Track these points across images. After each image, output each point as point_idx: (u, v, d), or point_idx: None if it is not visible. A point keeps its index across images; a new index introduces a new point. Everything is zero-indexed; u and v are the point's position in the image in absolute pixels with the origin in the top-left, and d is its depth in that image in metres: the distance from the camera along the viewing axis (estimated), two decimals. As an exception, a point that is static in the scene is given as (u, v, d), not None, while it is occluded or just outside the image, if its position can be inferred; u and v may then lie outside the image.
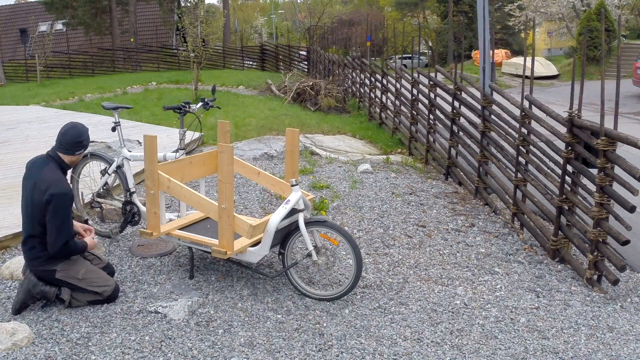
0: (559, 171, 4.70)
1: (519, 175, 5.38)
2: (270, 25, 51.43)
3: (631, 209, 3.94)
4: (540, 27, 34.17)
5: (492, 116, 6.03)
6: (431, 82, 7.60)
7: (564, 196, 4.65)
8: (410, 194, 6.35)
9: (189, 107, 4.47)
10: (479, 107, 6.19)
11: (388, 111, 10.51)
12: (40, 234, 3.56)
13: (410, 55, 11.76)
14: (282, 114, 11.34)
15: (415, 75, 8.52)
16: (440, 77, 7.67)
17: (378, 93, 11.05)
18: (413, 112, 8.58)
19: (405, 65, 10.92)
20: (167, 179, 3.85)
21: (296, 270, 4.04)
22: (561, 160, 4.69)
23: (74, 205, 4.38)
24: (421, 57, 20.79)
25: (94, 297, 3.71)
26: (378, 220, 5.46)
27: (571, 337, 3.55)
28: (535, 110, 5.19)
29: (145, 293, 3.92)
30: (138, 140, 7.34)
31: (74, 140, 3.72)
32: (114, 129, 4.63)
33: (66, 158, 3.75)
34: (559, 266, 4.63)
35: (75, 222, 3.82)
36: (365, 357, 3.25)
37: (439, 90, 7.55)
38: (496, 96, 6.08)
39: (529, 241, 5.14)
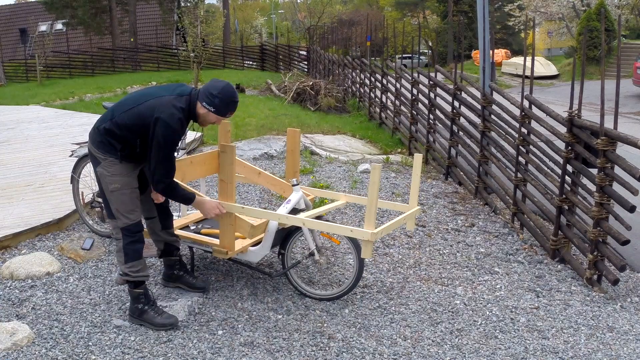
0: (559, 171, 4.70)
1: (519, 175, 5.38)
2: (270, 25, 51.40)
3: (631, 209, 3.94)
4: (540, 27, 34.17)
5: (492, 116, 6.03)
6: (431, 82, 7.60)
7: (564, 196, 4.65)
8: (410, 193, 6.35)
9: None
10: (479, 107, 6.19)
11: (388, 111, 10.51)
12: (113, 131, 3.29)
13: (410, 55, 11.76)
14: (282, 113, 11.34)
15: (415, 75, 8.52)
16: (440, 77, 7.67)
17: (378, 93, 11.05)
18: (413, 112, 8.58)
19: (405, 65, 10.91)
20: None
21: (296, 271, 4.04)
22: (561, 160, 4.69)
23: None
24: (421, 57, 20.81)
25: (114, 222, 3.37)
26: (378, 220, 5.46)
27: (571, 337, 3.55)
28: (535, 110, 5.19)
29: (146, 293, 3.92)
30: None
31: (229, 100, 3.30)
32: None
33: (206, 114, 3.32)
34: (559, 266, 4.63)
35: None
36: (365, 357, 3.25)
37: (438, 90, 7.56)
38: (496, 96, 6.08)
39: (529, 241, 5.14)
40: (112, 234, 3.54)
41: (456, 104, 6.84)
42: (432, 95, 7.67)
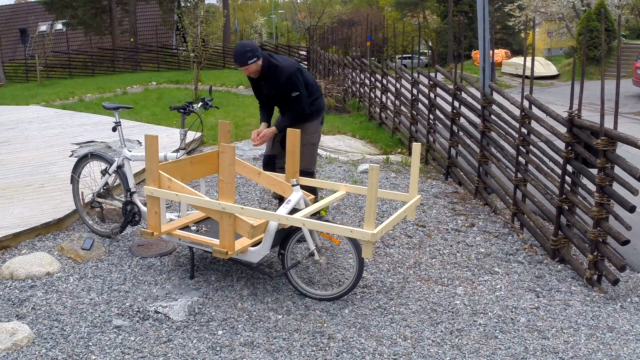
0: (559, 171, 4.70)
1: (519, 175, 5.38)
2: (270, 25, 51.43)
3: (631, 209, 3.94)
4: (540, 27, 34.17)
5: (492, 116, 6.03)
6: (431, 82, 7.60)
7: (564, 196, 4.65)
8: (410, 194, 6.35)
9: (192, 107, 4.50)
10: (479, 107, 6.19)
11: (388, 111, 10.51)
12: None
13: (410, 55, 11.76)
14: (282, 114, 11.32)
15: (415, 75, 8.52)
16: (440, 77, 7.67)
17: (378, 93, 11.05)
18: (413, 112, 8.58)
19: (405, 65, 10.91)
20: (168, 178, 3.85)
21: (295, 271, 4.04)
22: (561, 160, 4.69)
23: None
24: (421, 57, 20.81)
25: None
26: (378, 220, 5.46)
27: (571, 337, 3.55)
28: (535, 110, 5.19)
29: (145, 293, 3.92)
30: (138, 140, 7.34)
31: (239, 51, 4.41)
32: (114, 129, 4.64)
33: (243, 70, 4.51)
34: (559, 266, 4.63)
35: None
36: (365, 357, 3.25)
37: (438, 90, 7.56)
38: (496, 96, 6.08)
39: (529, 241, 5.14)
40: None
41: (456, 104, 6.84)
42: (432, 95, 7.67)
